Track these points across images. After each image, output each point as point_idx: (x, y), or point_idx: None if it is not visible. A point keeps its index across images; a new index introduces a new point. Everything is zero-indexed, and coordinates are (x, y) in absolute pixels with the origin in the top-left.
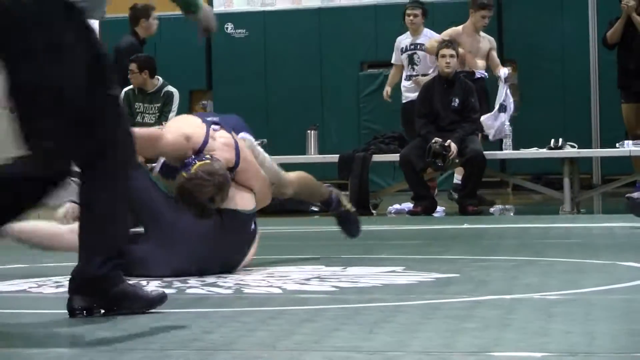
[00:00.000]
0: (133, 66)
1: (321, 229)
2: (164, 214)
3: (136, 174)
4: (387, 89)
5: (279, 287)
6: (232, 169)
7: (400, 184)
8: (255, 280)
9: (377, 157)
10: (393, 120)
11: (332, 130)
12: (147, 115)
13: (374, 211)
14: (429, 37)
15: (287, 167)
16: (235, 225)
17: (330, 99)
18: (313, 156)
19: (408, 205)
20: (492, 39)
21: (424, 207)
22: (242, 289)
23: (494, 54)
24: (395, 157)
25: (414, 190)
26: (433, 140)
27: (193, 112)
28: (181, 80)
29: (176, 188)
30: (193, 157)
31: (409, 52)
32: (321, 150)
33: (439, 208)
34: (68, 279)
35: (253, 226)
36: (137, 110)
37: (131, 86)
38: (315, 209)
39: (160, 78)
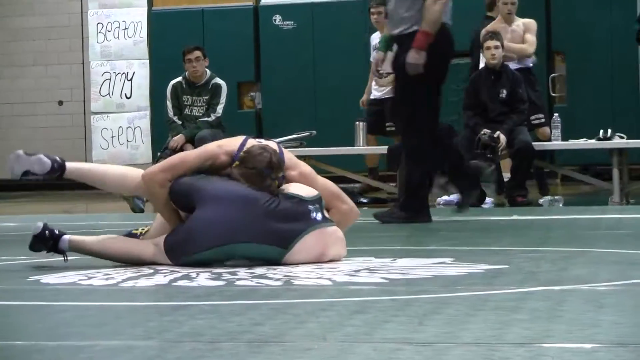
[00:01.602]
0: (197, 54)
1: (370, 221)
2: (216, 185)
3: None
4: (365, 97)
5: (329, 279)
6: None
7: None
8: (304, 272)
9: None
10: (442, 112)
11: None
12: (195, 107)
13: None
14: None
15: (336, 158)
16: (292, 206)
17: None
18: (362, 147)
19: (457, 197)
20: (530, 21)
21: None
22: (291, 280)
23: (529, 36)
24: None
25: None
26: (482, 132)
27: (242, 104)
28: (229, 72)
29: (231, 169)
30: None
31: None
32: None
33: (487, 199)
34: (117, 271)
35: (316, 215)
36: (186, 103)
37: (179, 79)
38: (364, 200)
39: (208, 70)
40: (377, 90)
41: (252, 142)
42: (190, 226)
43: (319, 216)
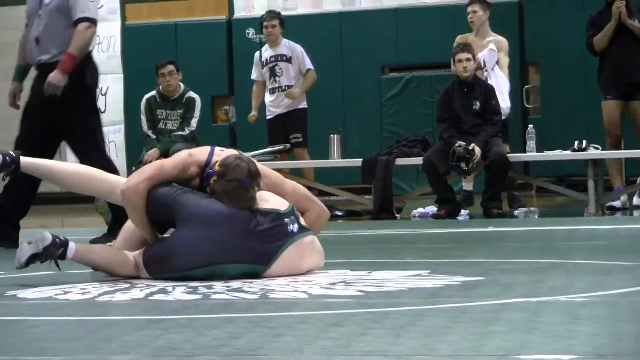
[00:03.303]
0: (170, 68)
1: (346, 233)
2: (199, 203)
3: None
4: (254, 113)
5: (305, 292)
6: None
7: (423, 187)
8: (280, 285)
9: (400, 161)
10: (416, 124)
11: (355, 134)
12: (169, 121)
13: (397, 215)
14: (289, 47)
15: (320, 171)
16: (270, 224)
17: (352, 103)
18: (336, 160)
19: (432, 209)
20: (501, 39)
21: (448, 210)
22: (267, 294)
23: (501, 55)
24: (418, 160)
25: (438, 193)
26: (457, 144)
27: (216, 118)
28: (202, 86)
29: (211, 185)
30: (207, 168)
31: (270, 65)
32: (344, 155)
33: (462, 211)
34: (94, 285)
35: (292, 227)
36: (159, 117)
37: (153, 93)
38: (339, 213)
39: (181, 84)
40: (275, 107)
41: (218, 151)
42: (171, 245)
43: (295, 227)
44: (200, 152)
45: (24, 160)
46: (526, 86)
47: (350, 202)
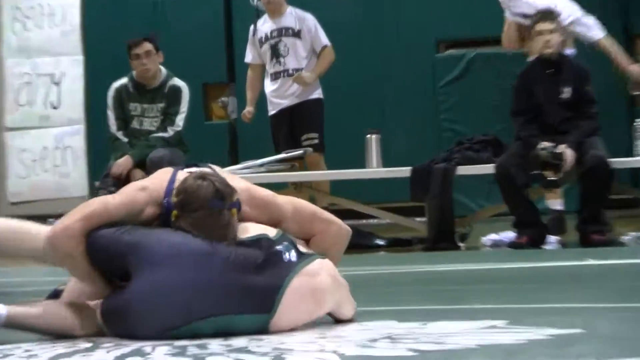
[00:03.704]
0: (146, 47)
1: (390, 270)
2: (161, 241)
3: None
4: (249, 109)
5: (335, 352)
6: None
7: (496, 206)
8: (301, 343)
9: (463, 170)
10: (483, 119)
11: (400, 135)
12: (146, 119)
13: (461, 244)
14: (297, 17)
15: (344, 184)
16: (259, 250)
17: (395, 92)
18: (375, 170)
19: (509, 235)
20: None
21: (531, 236)
22: (282, 355)
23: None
24: (489, 169)
25: (516, 213)
26: (540, 146)
27: (210, 114)
28: (192, 72)
29: (173, 223)
30: (165, 201)
31: (272, 41)
32: (386, 162)
33: (551, 238)
34: (42, 346)
35: (290, 255)
36: (133, 113)
37: (124, 80)
38: (381, 242)
39: (163, 68)
40: (280, 98)
41: (182, 175)
42: (130, 302)
43: (293, 256)
44: (159, 181)
45: None
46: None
47: (396, 227)
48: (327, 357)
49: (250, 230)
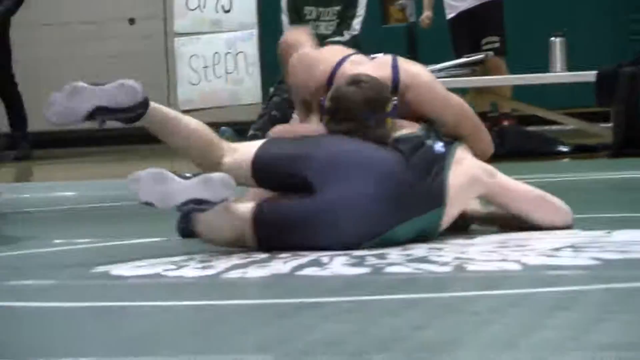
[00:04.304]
0: None
1: (574, 177)
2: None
3: None
4: (427, 14)
5: (518, 261)
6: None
7: None
8: (482, 253)
9: None
10: None
11: (587, 36)
12: (321, 23)
13: None
14: None
15: (527, 89)
16: (415, 150)
17: None
18: (559, 74)
19: None
20: None
21: None
22: (464, 265)
23: None
24: None
25: None
26: None
27: (388, 17)
28: None
29: (326, 119)
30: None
31: None
32: (571, 66)
33: None
34: (218, 257)
35: (437, 147)
36: (309, 17)
37: None
38: (564, 149)
39: None
40: (458, 1)
41: (353, 61)
42: (317, 213)
43: (439, 146)
44: (325, 64)
45: (153, 105)
46: None
47: (581, 133)
48: (510, 267)
49: (403, 127)
